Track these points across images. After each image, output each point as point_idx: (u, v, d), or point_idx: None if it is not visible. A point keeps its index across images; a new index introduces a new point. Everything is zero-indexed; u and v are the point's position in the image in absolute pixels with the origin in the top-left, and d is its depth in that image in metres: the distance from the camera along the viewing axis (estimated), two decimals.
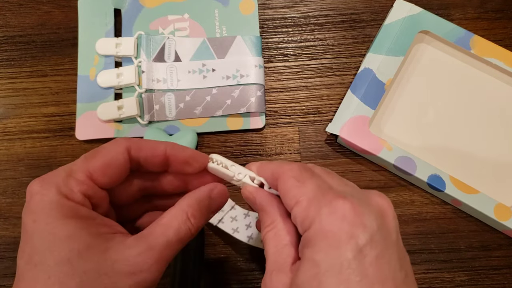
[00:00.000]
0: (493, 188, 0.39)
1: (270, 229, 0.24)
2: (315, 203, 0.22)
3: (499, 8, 0.44)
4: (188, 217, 0.24)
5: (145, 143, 0.25)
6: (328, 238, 0.21)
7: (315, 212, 0.22)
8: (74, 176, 0.23)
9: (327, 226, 0.21)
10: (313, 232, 0.21)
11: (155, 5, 0.44)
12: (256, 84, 0.42)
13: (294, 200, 0.23)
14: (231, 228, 0.36)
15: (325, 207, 0.22)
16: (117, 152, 0.24)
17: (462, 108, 0.42)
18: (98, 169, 0.23)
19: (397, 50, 0.41)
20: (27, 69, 0.44)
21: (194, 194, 0.25)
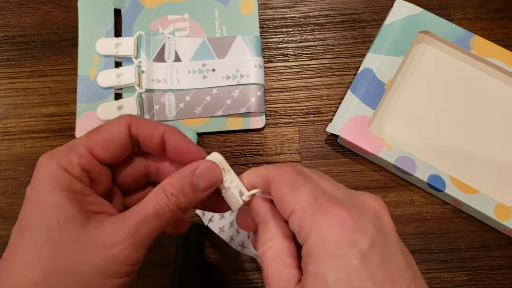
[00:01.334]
0: (493, 188, 0.39)
1: (268, 247, 0.23)
2: (310, 212, 0.22)
3: (499, 8, 0.44)
4: (167, 195, 0.23)
5: (146, 122, 0.25)
6: (330, 248, 0.20)
7: (312, 222, 0.21)
8: (75, 150, 0.24)
9: (327, 236, 0.21)
10: (313, 244, 0.21)
11: (155, 5, 0.44)
12: (256, 84, 0.42)
13: (289, 209, 0.22)
14: (218, 227, 0.35)
15: (322, 216, 0.21)
16: (118, 127, 0.25)
17: (462, 108, 0.42)
18: (99, 143, 0.24)
19: (397, 50, 0.41)
20: (27, 69, 0.44)
21: (177, 172, 0.25)
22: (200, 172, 0.24)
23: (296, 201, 0.22)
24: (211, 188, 0.25)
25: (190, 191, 0.24)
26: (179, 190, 0.24)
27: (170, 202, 0.23)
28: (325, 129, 0.41)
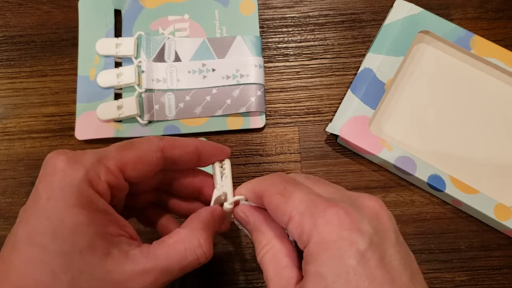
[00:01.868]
0: (493, 188, 0.39)
1: (267, 251, 0.23)
2: (308, 216, 0.22)
3: (499, 8, 0.44)
4: (201, 243, 0.23)
5: (178, 141, 0.25)
6: (329, 248, 0.20)
7: (311, 224, 0.21)
8: (105, 163, 0.22)
9: (326, 237, 0.21)
10: (314, 246, 0.21)
11: (155, 5, 0.44)
12: (256, 84, 0.42)
13: (286, 217, 0.22)
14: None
15: (320, 217, 0.21)
16: (151, 149, 0.24)
17: (462, 108, 0.42)
18: (131, 161, 0.23)
19: (397, 50, 0.41)
20: (27, 69, 0.44)
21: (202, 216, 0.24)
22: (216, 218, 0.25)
23: (291, 208, 0.22)
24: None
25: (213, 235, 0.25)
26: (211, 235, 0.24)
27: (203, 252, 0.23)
28: (325, 129, 0.41)
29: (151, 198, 0.29)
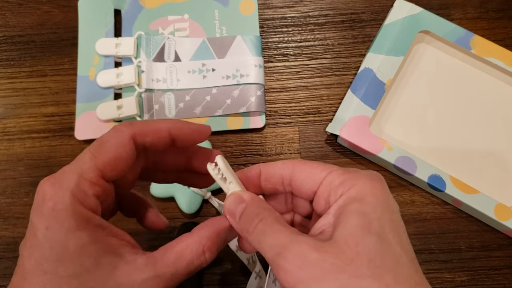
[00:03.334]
0: (493, 188, 0.39)
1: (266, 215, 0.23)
2: (350, 171, 0.23)
3: (499, 8, 0.44)
4: (204, 250, 0.23)
5: (149, 127, 0.25)
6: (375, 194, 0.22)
7: (355, 175, 0.23)
8: (86, 177, 0.22)
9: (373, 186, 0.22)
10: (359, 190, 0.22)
11: (155, 5, 0.44)
12: (256, 83, 0.42)
13: (325, 172, 0.23)
14: (235, 245, 0.35)
15: (363, 174, 0.23)
16: (124, 144, 0.23)
17: (462, 108, 0.42)
18: (108, 164, 0.23)
19: (397, 50, 0.41)
20: (26, 69, 0.44)
21: (215, 225, 0.24)
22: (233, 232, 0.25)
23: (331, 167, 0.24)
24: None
25: (222, 245, 0.25)
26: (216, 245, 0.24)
27: (206, 259, 0.23)
28: (325, 129, 0.41)
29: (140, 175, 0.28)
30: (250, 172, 0.26)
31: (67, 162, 0.42)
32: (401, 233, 0.21)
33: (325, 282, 0.20)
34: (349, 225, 0.21)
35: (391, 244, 0.21)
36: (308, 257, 0.20)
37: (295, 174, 0.24)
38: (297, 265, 0.20)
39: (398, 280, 0.19)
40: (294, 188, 0.25)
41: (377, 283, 0.19)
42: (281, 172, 0.25)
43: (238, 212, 0.24)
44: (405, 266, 0.20)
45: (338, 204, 0.22)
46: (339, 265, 0.20)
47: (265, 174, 0.25)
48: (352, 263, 0.20)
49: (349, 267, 0.20)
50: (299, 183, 0.24)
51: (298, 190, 0.25)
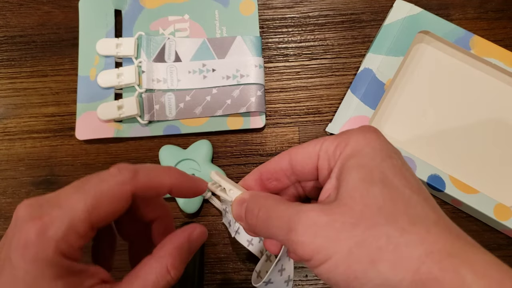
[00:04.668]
0: (493, 188, 0.39)
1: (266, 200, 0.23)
2: (342, 133, 0.23)
3: (499, 8, 0.44)
4: (168, 269, 0.23)
5: (152, 181, 0.24)
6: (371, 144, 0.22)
7: (347, 135, 0.22)
8: (75, 229, 0.21)
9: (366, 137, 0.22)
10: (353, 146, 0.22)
11: (155, 6, 0.44)
12: (256, 84, 0.42)
13: (319, 144, 0.23)
14: (246, 239, 0.35)
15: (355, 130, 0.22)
16: (123, 199, 0.23)
17: (462, 108, 0.42)
18: (102, 219, 0.22)
19: (397, 50, 0.41)
20: (27, 69, 0.44)
21: (173, 240, 0.24)
22: (195, 238, 0.25)
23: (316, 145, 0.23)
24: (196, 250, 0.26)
25: (187, 258, 0.24)
26: (180, 260, 0.24)
27: (172, 277, 0.23)
28: (325, 129, 0.41)
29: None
30: (250, 178, 0.26)
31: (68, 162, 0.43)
32: (407, 175, 0.21)
33: (341, 242, 0.19)
34: (351, 180, 0.21)
35: (397, 188, 0.20)
36: (318, 222, 0.20)
37: (293, 160, 0.24)
38: (309, 235, 0.20)
39: (413, 221, 0.19)
40: (298, 175, 0.24)
41: (393, 228, 0.19)
42: (279, 165, 0.25)
43: (243, 213, 0.24)
44: (419, 205, 0.20)
45: (337, 166, 0.22)
46: (351, 221, 0.19)
47: (265, 173, 0.25)
48: (363, 216, 0.19)
49: (361, 221, 0.19)
50: (300, 166, 0.24)
51: (301, 174, 0.24)
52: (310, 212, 0.20)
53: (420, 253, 0.18)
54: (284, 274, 0.27)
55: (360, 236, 0.19)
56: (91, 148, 0.42)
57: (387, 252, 0.19)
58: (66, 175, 0.41)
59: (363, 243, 0.19)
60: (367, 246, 0.19)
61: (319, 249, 0.20)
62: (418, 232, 0.19)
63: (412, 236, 0.19)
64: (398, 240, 0.19)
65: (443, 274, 0.18)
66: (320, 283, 0.39)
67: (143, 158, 0.42)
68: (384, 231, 0.19)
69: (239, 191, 0.25)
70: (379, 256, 0.19)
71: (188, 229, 0.25)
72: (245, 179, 0.26)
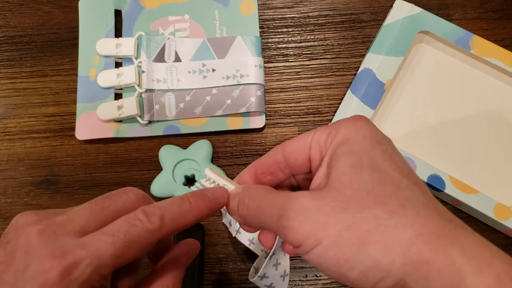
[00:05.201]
0: (493, 188, 0.39)
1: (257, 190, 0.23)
2: (333, 123, 0.23)
3: (499, 8, 0.44)
4: None
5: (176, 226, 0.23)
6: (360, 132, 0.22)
7: (337, 124, 0.23)
8: (100, 272, 0.20)
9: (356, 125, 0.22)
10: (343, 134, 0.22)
11: (155, 6, 0.44)
12: (256, 84, 0.42)
13: (311, 135, 0.23)
14: (248, 239, 0.35)
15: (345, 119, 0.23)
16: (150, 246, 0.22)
17: (462, 108, 0.42)
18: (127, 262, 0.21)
19: (397, 50, 0.41)
20: (27, 69, 0.44)
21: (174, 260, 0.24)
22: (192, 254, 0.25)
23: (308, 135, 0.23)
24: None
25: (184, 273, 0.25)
26: (180, 279, 0.24)
27: None
28: None
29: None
30: (244, 173, 0.26)
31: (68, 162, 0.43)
32: (396, 160, 0.21)
33: (330, 226, 0.19)
34: (340, 166, 0.21)
35: (387, 172, 0.20)
36: (308, 207, 0.20)
37: (286, 153, 0.24)
38: (300, 220, 0.20)
39: (402, 204, 0.19)
40: (291, 167, 0.24)
41: (382, 211, 0.19)
42: (273, 158, 0.25)
43: (235, 206, 0.24)
44: (409, 189, 0.20)
45: (328, 154, 0.22)
46: (339, 205, 0.20)
47: (259, 168, 0.25)
48: (352, 200, 0.20)
49: (350, 205, 0.19)
50: (293, 158, 0.24)
51: (295, 166, 0.24)
52: (300, 198, 0.21)
53: (410, 235, 0.18)
54: (280, 268, 0.27)
55: (349, 220, 0.19)
56: (91, 148, 0.42)
57: (376, 234, 0.19)
58: (66, 175, 0.41)
59: (352, 226, 0.19)
60: (356, 229, 0.19)
61: (309, 234, 0.20)
62: (408, 214, 0.19)
63: (402, 218, 0.19)
64: (387, 222, 0.19)
65: (433, 256, 0.18)
66: (320, 283, 0.39)
67: (143, 158, 0.42)
68: (373, 213, 0.19)
69: (233, 186, 0.25)
70: (368, 239, 0.19)
71: (186, 247, 0.25)
72: (240, 175, 0.26)
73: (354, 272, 0.19)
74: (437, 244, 0.18)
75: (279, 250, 0.26)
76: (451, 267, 0.17)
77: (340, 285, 0.39)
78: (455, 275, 0.17)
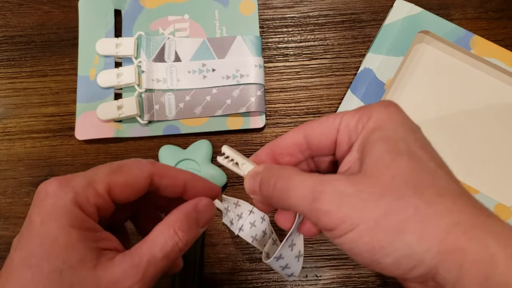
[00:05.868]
0: (493, 188, 0.39)
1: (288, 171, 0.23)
2: (362, 107, 0.23)
3: (499, 8, 0.44)
4: (175, 231, 0.23)
5: (168, 171, 0.25)
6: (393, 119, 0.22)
7: (368, 109, 0.22)
8: (94, 186, 0.23)
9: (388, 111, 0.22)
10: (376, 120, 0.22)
11: (155, 6, 0.44)
12: (256, 84, 0.42)
13: (338, 119, 0.23)
14: (251, 236, 0.35)
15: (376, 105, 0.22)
16: (141, 176, 0.24)
17: (462, 108, 0.42)
18: (119, 186, 0.24)
19: (397, 50, 0.41)
20: (27, 69, 0.44)
21: (180, 208, 0.25)
22: (202, 207, 0.25)
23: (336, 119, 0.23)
24: (207, 224, 0.26)
25: (196, 228, 0.25)
26: (187, 225, 0.24)
27: (180, 239, 0.23)
28: None
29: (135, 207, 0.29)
30: (261, 153, 0.25)
31: (68, 162, 0.43)
32: (430, 149, 0.21)
33: (368, 212, 0.19)
34: (376, 152, 0.21)
35: (423, 160, 0.20)
36: (345, 192, 0.20)
37: (309, 135, 0.24)
38: (336, 204, 0.20)
39: (440, 193, 0.19)
40: (313, 149, 0.24)
41: (420, 200, 0.19)
42: (294, 140, 0.24)
43: (257, 186, 0.24)
44: (443, 178, 0.20)
45: (359, 139, 0.22)
46: (377, 192, 0.19)
47: (277, 149, 0.25)
48: (389, 187, 0.19)
49: (388, 192, 0.19)
50: (316, 141, 0.24)
51: (317, 148, 0.24)
52: (335, 181, 0.20)
53: (447, 224, 0.18)
54: (295, 249, 0.27)
55: (387, 207, 0.19)
56: (90, 148, 0.42)
57: (414, 223, 0.19)
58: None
59: (390, 213, 0.19)
60: (394, 216, 0.19)
61: (344, 218, 0.19)
62: (445, 203, 0.19)
63: (439, 207, 0.19)
64: (425, 211, 0.19)
65: (468, 244, 0.18)
66: (320, 283, 0.39)
67: (143, 158, 0.41)
68: (411, 202, 0.19)
69: (252, 165, 0.25)
70: (406, 227, 0.19)
71: (195, 200, 0.25)
72: (257, 154, 0.25)
73: (388, 259, 0.19)
74: (473, 233, 0.18)
75: (295, 231, 0.26)
76: (485, 255, 0.18)
77: (341, 284, 0.39)
78: (489, 263, 0.17)
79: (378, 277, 0.39)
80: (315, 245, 0.40)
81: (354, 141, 0.22)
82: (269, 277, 0.39)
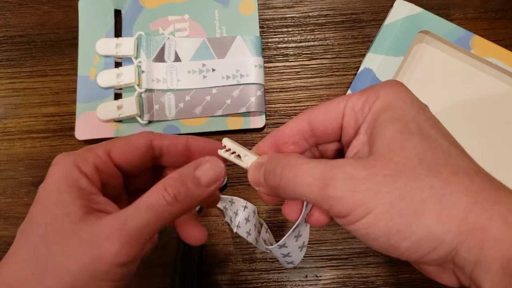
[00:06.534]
0: None
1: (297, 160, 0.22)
2: (367, 88, 0.22)
3: (499, 8, 0.44)
4: (165, 186, 0.22)
5: (167, 135, 0.26)
6: (402, 98, 0.21)
7: (374, 89, 0.21)
8: (93, 150, 0.24)
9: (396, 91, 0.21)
10: (383, 100, 0.21)
11: (155, 5, 0.44)
12: (256, 84, 0.42)
13: (343, 102, 0.22)
14: (246, 231, 0.34)
15: (382, 85, 0.22)
16: (139, 139, 0.25)
17: (462, 108, 0.42)
18: (118, 148, 0.25)
19: (397, 50, 0.41)
20: (27, 69, 0.44)
21: (179, 168, 0.24)
22: (203, 167, 0.23)
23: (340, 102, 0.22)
24: (214, 183, 0.23)
25: (192, 185, 0.23)
26: (179, 181, 0.22)
27: (168, 193, 0.22)
28: None
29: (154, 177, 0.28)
30: (264, 143, 0.24)
31: None
32: (441, 128, 0.21)
33: (382, 196, 0.18)
34: (387, 133, 0.20)
35: (436, 139, 0.20)
36: (357, 176, 0.19)
37: (313, 122, 0.23)
38: (349, 189, 0.19)
39: (456, 172, 0.19)
40: (318, 136, 0.23)
41: (436, 180, 0.18)
42: (297, 127, 0.23)
43: (261, 177, 0.23)
44: (459, 157, 0.20)
45: (367, 121, 0.21)
46: (392, 174, 0.19)
47: (280, 138, 0.24)
48: (404, 167, 0.19)
49: (403, 173, 0.19)
50: (322, 127, 0.23)
51: (322, 135, 0.23)
52: (346, 166, 0.20)
53: (466, 203, 0.18)
54: (300, 240, 0.27)
55: (402, 189, 0.18)
56: None
57: (431, 204, 0.18)
58: None
59: (406, 196, 0.18)
60: (410, 198, 0.18)
61: (358, 203, 0.19)
62: (462, 182, 0.18)
63: (456, 186, 0.18)
64: (442, 191, 0.18)
65: (490, 223, 0.17)
66: (320, 283, 0.39)
67: None
68: (427, 182, 0.18)
69: (254, 156, 0.24)
70: (423, 208, 0.18)
71: (196, 160, 0.24)
72: (259, 145, 0.25)
73: (406, 243, 0.18)
74: (494, 211, 0.18)
75: (302, 222, 0.25)
76: (508, 233, 0.17)
77: (341, 284, 0.39)
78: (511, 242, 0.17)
79: (378, 277, 0.39)
80: (315, 245, 0.40)
81: (361, 124, 0.21)
82: (269, 277, 0.39)
